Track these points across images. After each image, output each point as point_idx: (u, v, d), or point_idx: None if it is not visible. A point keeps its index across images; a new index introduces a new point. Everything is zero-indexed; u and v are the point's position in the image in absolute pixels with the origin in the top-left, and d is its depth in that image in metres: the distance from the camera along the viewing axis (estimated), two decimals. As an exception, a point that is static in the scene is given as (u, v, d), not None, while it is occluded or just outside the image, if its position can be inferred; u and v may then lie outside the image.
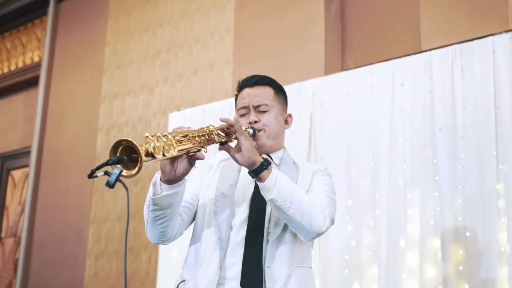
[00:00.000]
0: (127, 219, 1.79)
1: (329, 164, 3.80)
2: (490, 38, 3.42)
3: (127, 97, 5.78)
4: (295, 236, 2.09)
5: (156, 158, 1.70)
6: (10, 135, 7.32)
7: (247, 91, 2.25)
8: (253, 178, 1.98)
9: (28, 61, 7.23)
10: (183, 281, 2.13)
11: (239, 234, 2.08)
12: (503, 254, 3.15)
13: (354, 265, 3.61)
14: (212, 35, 5.24)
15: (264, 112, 2.20)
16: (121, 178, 1.65)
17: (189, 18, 5.48)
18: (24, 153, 6.98)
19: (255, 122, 2.18)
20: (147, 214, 2.00)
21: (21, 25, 7.40)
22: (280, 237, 2.07)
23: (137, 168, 1.65)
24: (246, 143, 1.94)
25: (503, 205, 3.20)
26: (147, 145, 1.69)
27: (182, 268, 2.18)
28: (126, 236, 1.78)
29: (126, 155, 1.68)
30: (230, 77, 4.97)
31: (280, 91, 2.30)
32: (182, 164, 1.90)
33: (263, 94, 2.23)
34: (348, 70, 4.12)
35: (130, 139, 1.66)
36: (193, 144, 1.87)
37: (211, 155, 2.08)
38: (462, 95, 3.43)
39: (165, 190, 1.92)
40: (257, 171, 1.95)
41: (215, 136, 1.95)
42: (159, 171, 1.93)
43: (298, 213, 1.95)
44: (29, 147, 6.68)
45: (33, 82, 6.99)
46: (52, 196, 6.24)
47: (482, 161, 3.30)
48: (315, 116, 4.00)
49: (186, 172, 1.92)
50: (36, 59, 7.11)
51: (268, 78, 2.30)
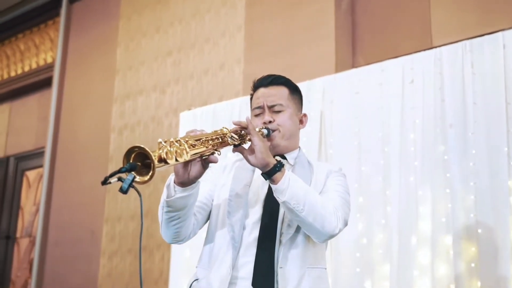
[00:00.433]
0: (141, 224, 1.80)
1: (339, 162, 3.79)
2: (500, 33, 3.39)
3: (139, 97, 5.81)
4: (308, 237, 2.09)
5: (168, 163, 1.72)
6: (24, 136, 7.37)
7: (262, 90, 2.26)
8: (266, 179, 1.99)
9: (41, 62, 7.27)
10: (197, 279, 2.15)
11: (252, 234, 2.09)
12: (516, 251, 3.12)
13: (365, 263, 3.60)
14: (223, 34, 5.25)
15: (279, 112, 2.21)
16: (134, 184, 1.67)
17: (199, 17, 5.49)
18: (38, 153, 7.03)
19: (270, 122, 2.18)
20: (161, 215, 2.02)
21: (34, 27, 7.45)
22: (293, 238, 2.08)
23: (150, 175, 1.67)
24: (259, 144, 1.95)
25: (515, 201, 3.18)
26: (160, 151, 1.71)
27: (196, 267, 2.20)
28: (140, 240, 1.79)
29: (140, 161, 1.70)
30: (241, 76, 4.97)
31: (295, 90, 2.30)
32: (195, 167, 1.92)
33: (278, 94, 2.23)
34: (358, 67, 4.11)
35: (143, 146, 1.68)
36: (206, 147, 1.88)
37: (223, 155, 2.08)
38: (472, 91, 3.40)
39: (178, 193, 1.94)
40: (270, 173, 1.95)
41: (229, 139, 1.96)
42: (173, 173, 1.95)
43: (311, 215, 1.96)
44: (43, 147, 6.73)
45: (46, 83, 7.03)
46: (66, 196, 6.28)
47: (494, 157, 3.27)
48: (325, 114, 4.00)
49: (200, 175, 1.94)
50: (49, 60, 7.15)
51: (283, 78, 2.30)
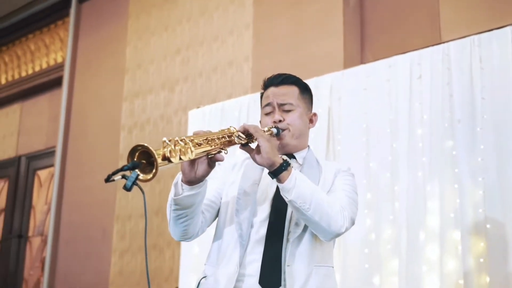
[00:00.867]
0: (145, 222, 1.82)
1: (347, 158, 3.80)
2: (509, 28, 3.37)
3: (149, 95, 5.83)
4: (315, 236, 2.09)
5: (172, 162, 1.73)
6: (36, 136, 7.41)
7: (272, 90, 2.26)
8: (272, 178, 2.00)
9: (51, 62, 7.31)
10: (205, 277, 2.16)
11: (260, 232, 2.10)
12: (525, 246, 3.11)
13: (374, 258, 3.59)
14: (231, 31, 5.25)
15: (289, 111, 2.22)
16: (138, 182, 1.69)
17: (208, 15, 5.50)
18: (49, 153, 7.06)
19: (280, 121, 2.19)
20: (169, 213, 2.05)
21: (44, 27, 7.48)
22: (301, 236, 2.09)
23: (153, 173, 1.68)
24: (265, 144, 1.96)
25: (524, 196, 3.17)
26: (164, 150, 1.72)
27: (205, 264, 2.21)
28: (145, 237, 1.81)
29: (144, 159, 1.72)
30: (249, 73, 4.98)
31: (305, 90, 2.31)
32: (202, 166, 1.94)
33: (288, 93, 2.24)
34: (367, 63, 4.10)
35: (146, 145, 1.69)
36: (212, 146, 1.90)
37: (231, 154, 2.10)
38: (481, 86, 3.39)
39: (186, 191, 1.95)
40: (276, 172, 1.97)
41: (236, 138, 1.97)
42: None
43: (317, 214, 1.97)
44: (54, 147, 6.77)
45: (56, 83, 7.06)
46: (77, 194, 6.32)
47: (502, 152, 3.26)
48: (334, 111, 3.99)
49: (206, 174, 1.95)
50: (59, 60, 7.19)
51: (294, 77, 2.31)
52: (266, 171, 2.03)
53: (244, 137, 1.99)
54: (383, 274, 3.54)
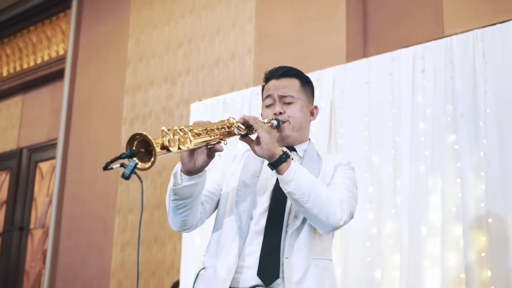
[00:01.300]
0: (141, 210, 1.82)
1: (349, 152, 3.79)
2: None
3: (150, 88, 5.82)
4: (314, 228, 2.10)
5: (171, 151, 1.73)
6: (37, 128, 7.42)
7: (273, 82, 2.27)
8: (272, 170, 2.01)
9: (53, 54, 7.31)
10: (204, 268, 2.17)
11: (259, 224, 2.10)
12: (527, 241, 3.11)
13: (375, 252, 3.59)
14: (233, 25, 5.25)
15: (290, 103, 2.23)
16: (136, 171, 1.69)
17: (210, 8, 5.49)
18: (50, 145, 7.07)
19: (280, 113, 2.20)
20: (168, 203, 2.05)
21: (46, 19, 7.48)
22: (299, 229, 2.09)
23: (151, 161, 1.68)
24: (265, 135, 1.97)
25: (526, 191, 3.16)
26: (163, 139, 1.72)
27: (204, 256, 2.22)
28: (140, 227, 1.82)
29: (144, 148, 1.71)
30: (252, 66, 4.97)
31: (306, 83, 2.32)
32: (201, 156, 1.94)
33: (289, 86, 2.25)
34: (369, 57, 4.09)
35: (145, 133, 1.69)
36: (211, 137, 1.90)
37: (232, 146, 2.10)
38: (483, 80, 3.37)
39: (185, 181, 1.96)
40: (276, 163, 1.98)
41: (235, 129, 1.98)
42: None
43: (316, 206, 1.98)
44: (56, 139, 6.77)
45: (58, 75, 7.06)
46: (79, 187, 6.32)
47: (505, 147, 3.25)
48: (336, 104, 3.98)
49: (206, 164, 1.96)
50: (61, 52, 7.19)
51: (295, 70, 2.31)
52: (267, 163, 2.04)
53: (243, 128, 2.00)
54: (385, 268, 3.54)
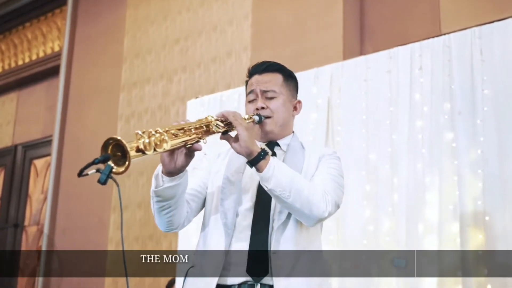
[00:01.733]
0: (120, 214, 1.83)
1: (347, 149, 3.79)
2: (510, 20, 3.37)
3: (146, 85, 5.80)
4: (299, 221, 2.09)
5: (146, 153, 1.73)
6: (32, 125, 7.39)
7: (256, 77, 2.26)
8: (251, 167, 2.01)
9: (48, 51, 7.28)
10: (192, 266, 2.17)
11: (245, 221, 2.10)
12: (523, 239, 3.11)
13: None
14: (230, 22, 5.23)
15: (272, 98, 2.22)
16: (112, 175, 1.70)
17: (207, 5, 5.47)
18: (45, 142, 7.04)
19: (262, 108, 2.19)
20: (152, 205, 2.06)
21: (41, 15, 7.44)
22: (285, 223, 2.09)
23: (125, 165, 1.69)
24: (243, 133, 1.96)
25: (523, 189, 3.17)
26: (139, 141, 1.72)
27: (194, 254, 2.22)
28: (122, 228, 1.82)
29: (119, 152, 1.72)
30: (248, 63, 4.94)
31: (289, 77, 2.31)
32: (181, 156, 1.94)
33: (272, 81, 2.24)
34: (367, 54, 4.09)
35: (119, 138, 1.71)
36: (190, 136, 1.90)
37: (217, 143, 2.09)
38: (481, 78, 3.38)
39: (166, 182, 1.97)
40: (254, 161, 1.98)
41: (214, 127, 1.97)
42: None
43: (298, 201, 1.98)
44: (51, 136, 6.74)
45: (54, 72, 7.03)
46: (74, 184, 6.29)
47: (502, 145, 3.26)
48: (333, 102, 3.98)
49: (186, 164, 1.96)
50: (56, 48, 7.16)
51: (278, 64, 2.30)
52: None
53: (222, 125, 1.99)
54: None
